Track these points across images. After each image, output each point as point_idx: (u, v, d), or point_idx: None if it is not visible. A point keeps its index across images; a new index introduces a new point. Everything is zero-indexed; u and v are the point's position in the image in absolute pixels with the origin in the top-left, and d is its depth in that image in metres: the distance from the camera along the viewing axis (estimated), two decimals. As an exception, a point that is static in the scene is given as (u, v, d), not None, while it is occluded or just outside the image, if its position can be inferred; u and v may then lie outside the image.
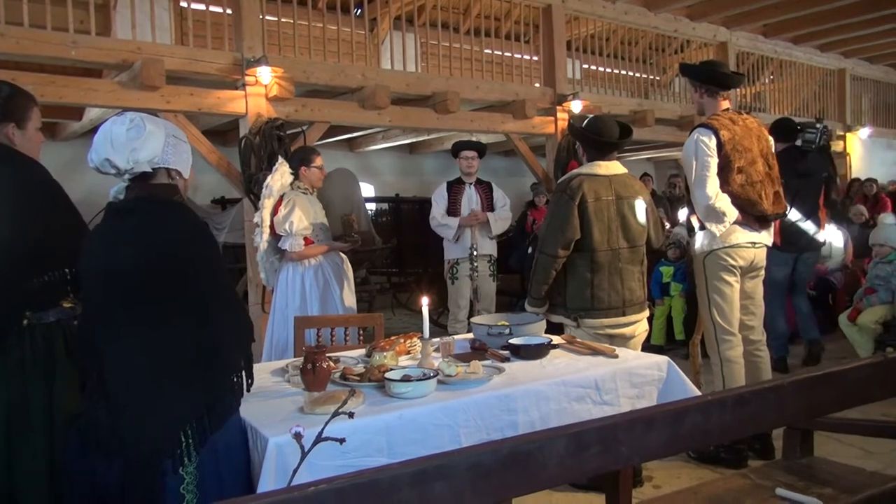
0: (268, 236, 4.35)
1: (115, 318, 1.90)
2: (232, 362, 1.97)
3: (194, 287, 1.90)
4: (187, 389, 1.87)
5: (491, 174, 7.01)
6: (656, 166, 14.20)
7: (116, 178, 2.06)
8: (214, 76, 5.57)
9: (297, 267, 4.35)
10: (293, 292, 4.33)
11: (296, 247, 4.26)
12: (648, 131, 8.55)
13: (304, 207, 4.28)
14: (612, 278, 3.44)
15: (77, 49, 4.94)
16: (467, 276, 5.72)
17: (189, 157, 2.15)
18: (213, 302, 1.93)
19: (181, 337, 1.88)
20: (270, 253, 4.47)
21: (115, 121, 2.01)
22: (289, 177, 4.36)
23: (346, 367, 2.61)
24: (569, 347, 2.96)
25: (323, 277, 4.35)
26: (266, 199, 4.30)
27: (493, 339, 2.97)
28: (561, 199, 3.46)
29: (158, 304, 1.87)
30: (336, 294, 4.36)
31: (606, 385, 2.57)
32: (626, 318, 3.47)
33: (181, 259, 1.91)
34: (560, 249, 3.39)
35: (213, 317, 1.92)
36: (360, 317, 4.04)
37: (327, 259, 4.41)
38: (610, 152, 3.56)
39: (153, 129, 2.02)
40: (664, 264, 6.83)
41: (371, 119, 6.50)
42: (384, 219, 10.33)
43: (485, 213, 5.74)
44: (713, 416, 1.73)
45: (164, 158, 2.05)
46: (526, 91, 7.44)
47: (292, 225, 4.22)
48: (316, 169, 4.46)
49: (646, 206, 3.59)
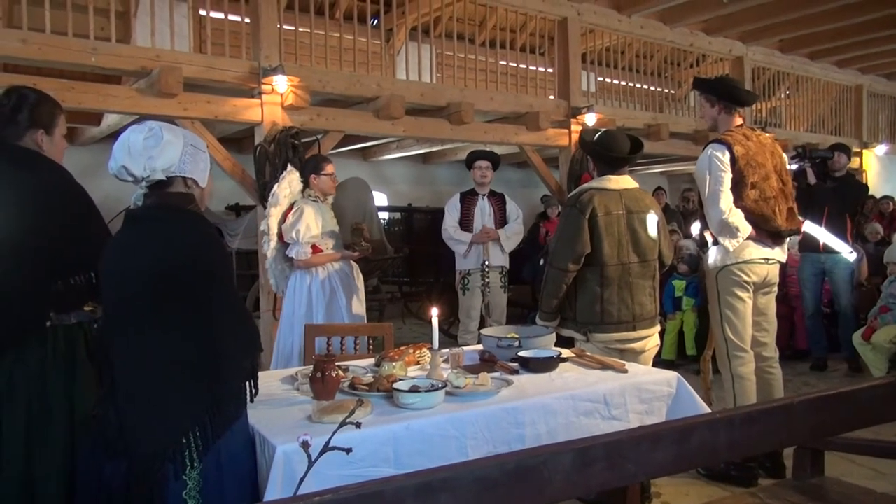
0: (276, 244, 4.38)
1: (124, 323, 1.92)
2: (237, 370, 1.98)
3: (201, 295, 1.92)
4: (192, 395, 1.88)
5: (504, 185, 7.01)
6: (670, 180, 14.14)
7: (134, 185, 2.08)
8: (231, 84, 5.62)
9: (305, 275, 4.37)
10: (300, 300, 4.35)
11: (302, 255, 4.28)
12: (662, 145, 8.53)
13: (312, 215, 4.30)
14: (623, 293, 3.43)
15: (97, 56, 5.00)
16: (479, 287, 5.72)
17: (207, 166, 2.17)
18: (219, 310, 1.95)
19: (187, 344, 1.89)
20: (279, 260, 4.49)
21: (134, 129, 2.04)
22: (297, 185, 4.39)
23: (355, 376, 2.62)
24: (578, 361, 2.95)
25: (330, 286, 4.36)
26: (272, 206, 4.33)
27: (502, 351, 2.96)
28: (571, 213, 3.46)
29: (165, 311, 1.89)
30: (342, 303, 4.37)
31: (615, 400, 2.57)
32: (637, 332, 3.45)
33: (188, 267, 1.93)
34: (570, 263, 3.39)
35: (220, 325, 1.93)
36: (370, 326, 4.05)
37: (337, 268, 4.42)
38: (620, 167, 3.55)
39: (171, 139, 2.05)
40: (677, 278, 6.80)
41: (385, 129, 6.52)
42: (396, 228, 10.34)
43: (496, 232, 5.74)
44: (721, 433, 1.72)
45: (180, 167, 2.07)
46: (540, 103, 7.45)
47: (299, 233, 4.24)
48: (326, 177, 4.48)
49: (657, 220, 3.58)
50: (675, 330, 6.69)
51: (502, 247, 5.79)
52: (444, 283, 8.40)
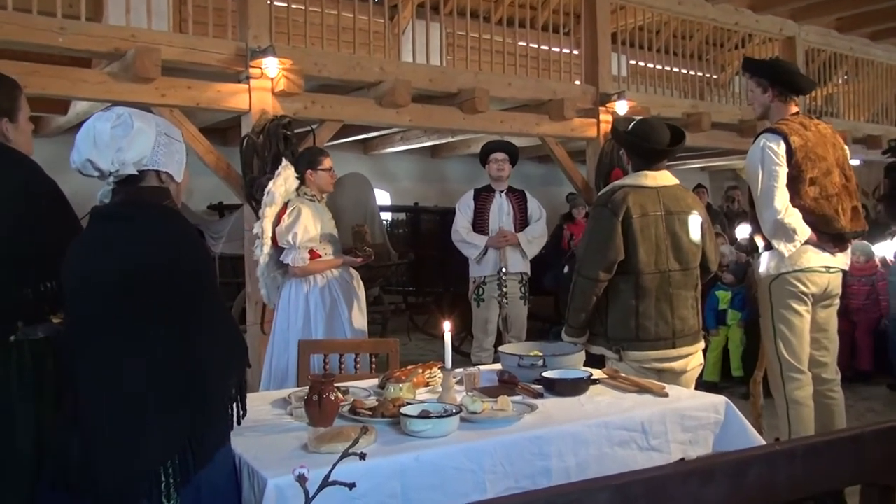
0: (269, 249, 4.36)
1: (91, 337, 1.90)
2: (222, 390, 1.96)
3: (182, 304, 1.90)
4: (169, 420, 1.86)
5: (523, 182, 6.99)
6: (712, 177, 14.10)
7: (101, 180, 2.07)
8: (215, 68, 5.62)
9: (302, 284, 4.35)
10: (296, 312, 4.33)
11: (299, 261, 4.27)
12: (703, 136, 8.50)
13: (310, 216, 4.29)
14: (661, 305, 3.42)
15: (65, 36, 5.01)
16: (495, 297, 5.70)
17: (183, 158, 2.16)
18: (202, 321, 1.93)
19: (164, 359, 1.87)
20: (272, 267, 4.48)
21: (100, 117, 2.02)
22: (294, 182, 4.37)
23: (356, 399, 2.61)
24: (611, 383, 2.94)
25: (330, 296, 4.35)
26: (267, 206, 4.32)
27: (524, 371, 2.95)
28: (602, 215, 3.44)
29: (139, 322, 1.88)
30: (344, 315, 4.36)
31: (654, 428, 2.55)
32: (677, 350, 3.43)
33: (168, 271, 1.91)
34: (601, 272, 3.38)
35: (203, 338, 1.91)
36: (373, 342, 4.03)
37: (336, 275, 4.41)
38: (659, 161, 3.54)
39: (142, 127, 2.03)
40: (721, 289, 6.76)
41: (389, 118, 6.52)
42: (401, 230, 10.36)
43: (515, 235, 5.73)
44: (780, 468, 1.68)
45: (153, 160, 2.06)
46: (564, 89, 7.43)
47: (296, 236, 4.22)
48: (324, 172, 4.47)
49: (701, 221, 3.56)
50: (719, 348, 6.64)
51: (523, 251, 5.77)
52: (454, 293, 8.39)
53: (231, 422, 1.99)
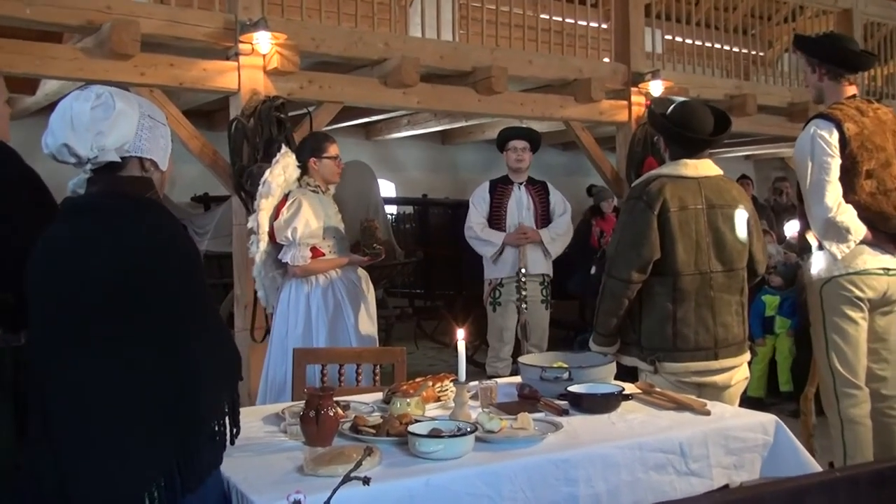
0: (266, 245, 4.37)
1: (64, 346, 1.90)
2: (212, 405, 1.96)
3: (168, 308, 1.91)
4: (154, 440, 1.86)
5: (545, 172, 6.97)
6: (757, 167, 14.05)
7: (77, 168, 2.06)
8: (201, 43, 5.62)
9: (302, 285, 4.36)
10: (295, 317, 4.34)
11: (299, 259, 4.27)
12: (748, 121, 8.46)
13: (312, 209, 4.30)
14: (701, 311, 3.41)
15: (32, 7, 5.02)
16: (513, 301, 5.69)
17: (168, 143, 2.16)
18: (191, 328, 1.93)
19: (148, 372, 1.88)
20: (270, 266, 4.48)
21: (78, 96, 2.02)
22: (294, 171, 4.37)
23: (357, 415, 2.62)
24: (646, 399, 2.94)
25: (334, 299, 4.36)
26: (263, 198, 4.32)
27: (547, 384, 2.95)
28: (636, 208, 3.44)
29: (121, 330, 1.88)
30: (350, 320, 4.37)
31: (694, 450, 2.55)
32: (719, 362, 3.43)
33: (153, 274, 1.91)
34: (634, 272, 3.37)
35: (191, 347, 1.92)
36: (377, 351, 4.04)
37: (340, 275, 4.42)
38: (701, 150, 3.54)
39: (124, 108, 2.03)
40: (767, 293, 6.75)
41: (395, 100, 6.51)
42: (407, 225, 10.37)
43: (537, 232, 5.72)
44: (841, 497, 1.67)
45: (136, 145, 2.05)
46: (592, 67, 7.40)
47: (295, 232, 4.23)
48: (329, 161, 4.47)
49: (747, 217, 3.56)
50: (766, 359, 6.63)
51: (545, 250, 5.76)
52: (467, 296, 8.39)
53: (224, 440, 1.99)
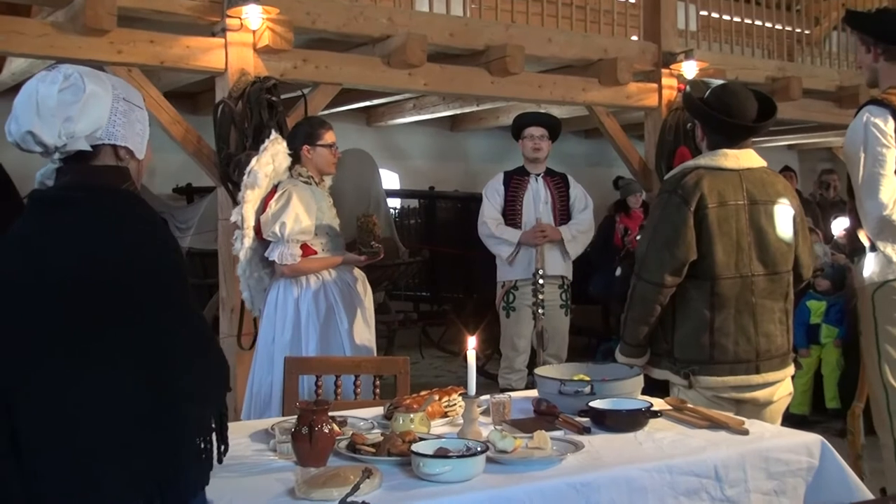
0: (252, 242, 4.38)
1: (32, 355, 1.89)
2: (197, 420, 1.96)
3: (147, 312, 1.91)
4: (132, 458, 1.86)
5: (565, 163, 6.97)
6: (802, 157, 14.04)
7: (45, 157, 2.06)
8: (184, 18, 5.64)
9: (291, 286, 4.36)
10: (283, 321, 4.35)
11: (288, 258, 4.28)
12: (792, 107, 8.46)
13: (304, 203, 4.30)
14: (742, 318, 3.41)
15: (-2, -24, 5.04)
16: (529, 306, 5.70)
17: (145, 129, 2.16)
18: (173, 334, 1.93)
19: (126, 383, 1.88)
20: (256, 265, 4.50)
21: (44, 78, 2.02)
22: (285, 159, 4.39)
23: (355, 432, 2.62)
24: (677, 417, 2.94)
25: (326, 302, 4.37)
26: (249, 189, 4.33)
27: (566, 399, 2.95)
28: (670, 203, 3.43)
29: (95, 336, 1.88)
30: (343, 326, 4.37)
31: (731, 474, 2.55)
32: (761, 376, 3.42)
33: (129, 274, 1.91)
34: (667, 275, 3.37)
35: (174, 355, 1.92)
36: (377, 360, 4.04)
37: (334, 276, 4.43)
38: (743, 139, 3.53)
39: (96, 91, 2.03)
40: (813, 298, 6.73)
41: (399, 81, 6.52)
42: (412, 221, 10.40)
43: (556, 229, 5.72)
44: (897, 530, 1.66)
45: (109, 131, 2.05)
46: (618, 46, 7.41)
47: (284, 227, 4.23)
48: (324, 149, 4.48)
49: (793, 214, 3.56)
50: (811, 372, 6.62)
51: (565, 250, 5.76)
52: (478, 300, 8.39)
53: (211, 458, 1.98)
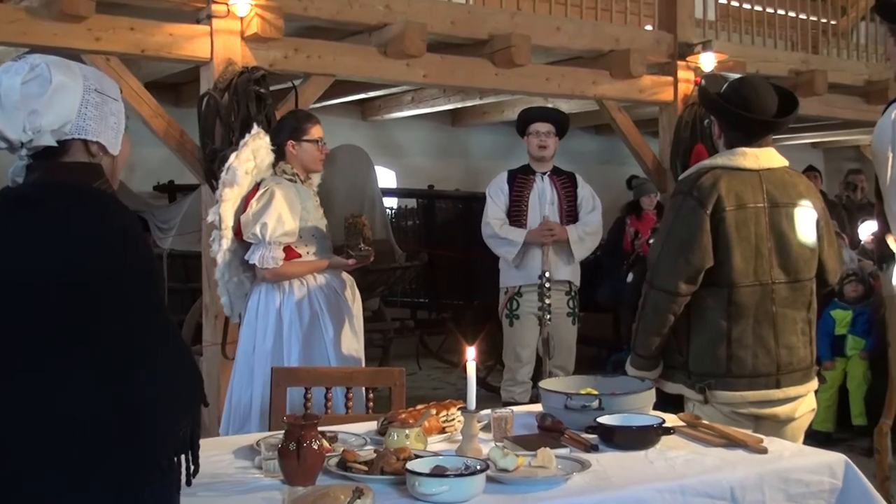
0: (230, 243, 4.38)
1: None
2: (165, 435, 1.95)
3: (117, 321, 1.90)
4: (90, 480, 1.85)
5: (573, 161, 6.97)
6: (827, 157, 14.05)
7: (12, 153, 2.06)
8: (167, 3, 5.65)
9: (273, 292, 4.37)
10: (264, 329, 4.35)
11: (270, 261, 4.27)
12: (817, 103, 8.47)
13: (287, 202, 4.30)
14: (761, 329, 3.41)
15: (-32, -42, 5.04)
16: (534, 314, 5.71)
17: (120, 122, 2.15)
18: (143, 344, 1.93)
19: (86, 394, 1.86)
20: (236, 268, 4.49)
21: (8, 69, 2.02)
22: (266, 155, 4.40)
23: (346, 449, 2.62)
24: (691, 434, 2.95)
25: (310, 309, 4.37)
26: (227, 187, 4.34)
27: (573, 414, 2.95)
28: (685, 205, 3.44)
29: (56, 344, 1.87)
30: (329, 335, 4.38)
31: (748, 496, 2.55)
32: (782, 391, 3.42)
33: (96, 280, 1.91)
34: (682, 283, 3.37)
35: (141, 368, 1.91)
36: (370, 372, 4.04)
37: (321, 282, 4.43)
38: (763, 135, 3.53)
39: (64, 82, 2.03)
40: (838, 307, 6.73)
41: (396, 73, 6.54)
42: (409, 222, 10.37)
43: (564, 228, 5.73)
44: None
45: (79, 125, 2.05)
46: (631, 37, 7.42)
47: (266, 228, 4.23)
48: (310, 144, 4.48)
49: (816, 217, 3.56)
50: (835, 387, 6.61)
51: (571, 252, 5.76)
52: (480, 306, 8.37)
53: (179, 481, 1.97)
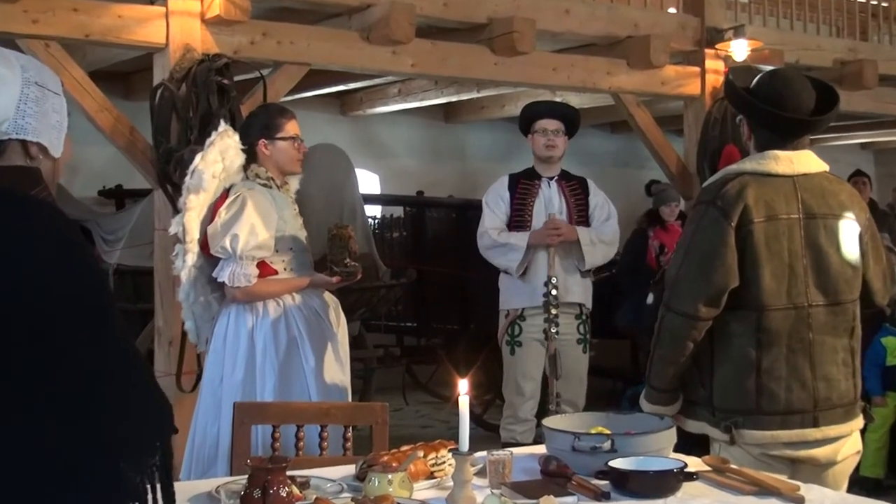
0: (196, 259, 4.38)
1: None
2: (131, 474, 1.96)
3: (63, 344, 1.91)
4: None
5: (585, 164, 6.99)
6: (878, 160, 14.07)
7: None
8: (116, -20, 5.66)
9: (245, 314, 4.38)
10: (234, 358, 4.36)
11: (241, 279, 4.28)
12: (865, 97, 8.49)
13: (261, 211, 4.32)
14: (796, 359, 3.42)
15: None
16: (538, 340, 5.72)
17: (63, 120, 2.17)
18: (98, 373, 1.93)
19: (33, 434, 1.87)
20: (202, 287, 4.51)
21: (-66, 59, 2.03)
22: (237, 156, 4.40)
23: (320, 496, 2.61)
24: (717, 480, 2.94)
25: (288, 334, 4.38)
26: (192, 193, 4.33)
27: (581, 457, 2.95)
28: (706, 217, 3.45)
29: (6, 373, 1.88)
30: (309, 364, 4.38)
31: None
32: (820, 430, 3.42)
33: (41, 296, 1.91)
34: (703, 306, 3.38)
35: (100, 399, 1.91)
36: (349, 407, 4.03)
37: (299, 302, 4.44)
38: (798, 136, 3.54)
39: (1, 74, 2.04)
40: (889, 333, 6.73)
41: (381, 62, 6.56)
42: (396, 234, 10.36)
43: (572, 228, 5.74)
44: None
45: (17, 124, 2.06)
46: (652, 21, 7.46)
47: (237, 240, 4.24)
48: (285, 142, 4.50)
49: (860, 230, 3.56)
50: (886, 426, 6.61)
51: (580, 263, 5.77)
52: (476, 332, 8.37)
53: None
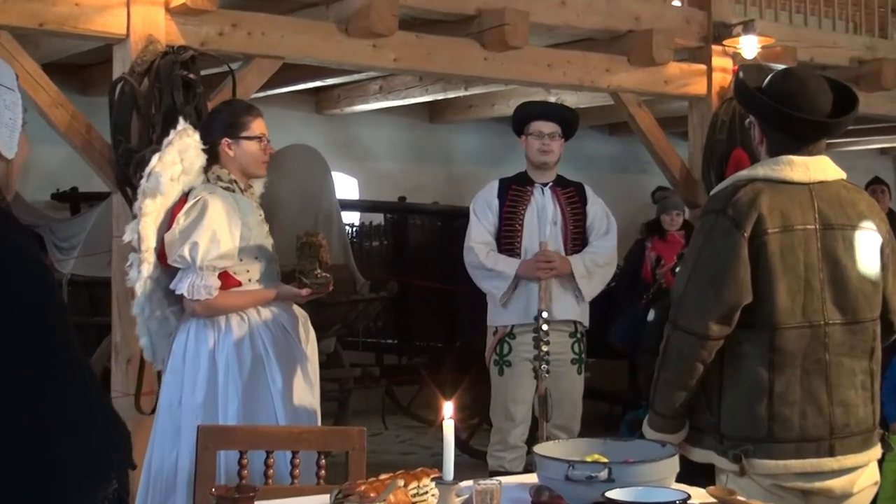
0: (152, 269, 4.38)
1: None
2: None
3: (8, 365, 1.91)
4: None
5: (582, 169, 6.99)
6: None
7: None
8: (72, -35, 5.65)
9: (206, 330, 4.39)
10: (194, 378, 4.37)
11: (202, 291, 4.29)
12: (886, 99, 8.55)
13: (223, 217, 4.33)
14: (811, 382, 3.43)
15: None
16: (529, 360, 5.72)
17: (17, 119, 2.18)
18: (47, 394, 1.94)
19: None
20: (159, 301, 4.51)
21: None
22: (197, 157, 4.41)
23: (291, 530, 2.62)
24: None
25: (252, 352, 4.39)
26: (148, 198, 4.34)
27: (575, 487, 2.95)
28: (716, 227, 3.46)
29: None
30: (276, 385, 4.40)
31: None
32: (836, 459, 3.44)
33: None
34: (712, 323, 3.39)
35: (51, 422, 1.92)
36: (323, 432, 4.03)
37: (267, 317, 4.45)
38: (814, 140, 3.56)
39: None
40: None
41: (361, 56, 6.58)
42: (375, 243, 10.38)
43: (566, 260, 5.75)
44: None
45: (-32, 123, 2.07)
46: (655, 14, 7.49)
47: (196, 249, 4.25)
48: (250, 142, 4.51)
49: (881, 242, 3.58)
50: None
51: (577, 288, 5.79)
52: (462, 350, 8.38)
53: None
